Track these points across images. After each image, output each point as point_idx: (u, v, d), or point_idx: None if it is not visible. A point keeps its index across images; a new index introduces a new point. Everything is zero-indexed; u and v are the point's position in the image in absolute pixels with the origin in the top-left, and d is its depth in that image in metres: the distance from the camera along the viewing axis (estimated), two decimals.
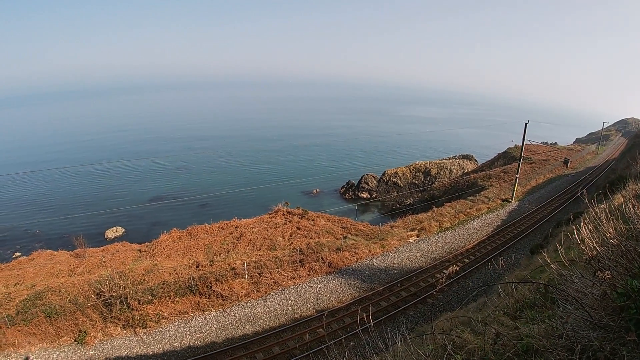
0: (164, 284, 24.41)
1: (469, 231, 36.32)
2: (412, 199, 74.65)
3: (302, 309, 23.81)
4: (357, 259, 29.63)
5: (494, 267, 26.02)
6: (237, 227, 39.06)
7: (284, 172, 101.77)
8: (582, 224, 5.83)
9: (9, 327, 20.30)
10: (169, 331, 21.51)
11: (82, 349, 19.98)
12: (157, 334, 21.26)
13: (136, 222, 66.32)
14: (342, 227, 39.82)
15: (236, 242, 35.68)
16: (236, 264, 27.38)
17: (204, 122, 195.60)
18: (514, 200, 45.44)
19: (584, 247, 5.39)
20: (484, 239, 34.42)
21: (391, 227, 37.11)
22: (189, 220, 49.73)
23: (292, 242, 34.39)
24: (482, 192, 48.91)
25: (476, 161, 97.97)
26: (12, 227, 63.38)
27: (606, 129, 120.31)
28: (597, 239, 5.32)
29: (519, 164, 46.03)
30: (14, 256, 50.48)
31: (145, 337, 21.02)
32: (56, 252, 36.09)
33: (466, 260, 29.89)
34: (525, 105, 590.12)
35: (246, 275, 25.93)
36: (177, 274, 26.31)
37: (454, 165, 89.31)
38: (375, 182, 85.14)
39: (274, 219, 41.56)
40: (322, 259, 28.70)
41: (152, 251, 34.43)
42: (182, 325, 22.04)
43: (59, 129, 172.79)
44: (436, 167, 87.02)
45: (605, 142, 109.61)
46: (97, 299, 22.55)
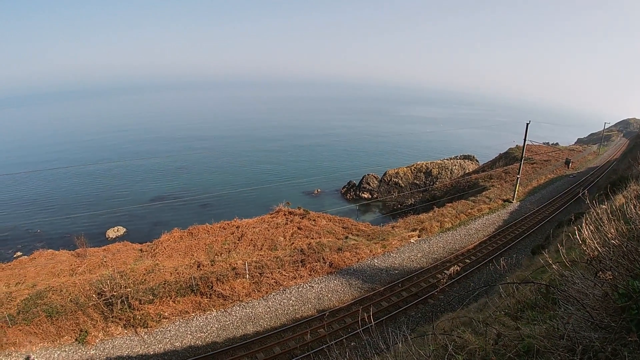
0: (165, 284, 24.42)
1: (470, 231, 36.27)
2: (413, 199, 74.60)
3: (303, 309, 23.80)
4: (358, 259, 29.61)
5: (495, 268, 26.01)
6: (238, 227, 39.11)
7: (285, 172, 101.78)
8: (583, 224, 5.83)
9: (10, 327, 20.32)
10: (170, 331, 21.52)
11: (83, 349, 20.00)
12: (158, 334, 21.27)
13: (137, 222, 66.43)
14: (343, 227, 39.83)
15: (237, 242, 35.73)
16: (237, 263, 27.39)
17: (205, 122, 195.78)
18: (515, 200, 45.37)
19: (585, 248, 5.39)
20: (485, 239, 34.37)
21: (392, 228, 37.09)
22: (190, 220, 49.79)
23: (293, 242, 34.42)
24: (484, 193, 48.86)
25: (477, 161, 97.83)
26: (13, 226, 63.54)
27: (607, 129, 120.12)
28: (598, 240, 5.32)
29: (520, 164, 45.98)
30: (15, 256, 50.59)
31: (146, 336, 21.03)
32: (57, 252, 36.20)
33: (467, 260, 29.84)
34: (526, 105, 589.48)
35: (247, 275, 25.94)
36: (178, 273, 26.33)
37: (455, 165, 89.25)
38: (376, 182, 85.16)
39: (275, 219, 41.58)
40: (323, 259, 28.69)
41: (154, 251, 34.49)
42: (183, 325, 22.05)
43: (59, 129, 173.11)
44: (437, 167, 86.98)
45: (606, 142, 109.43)
46: (98, 298, 22.57)
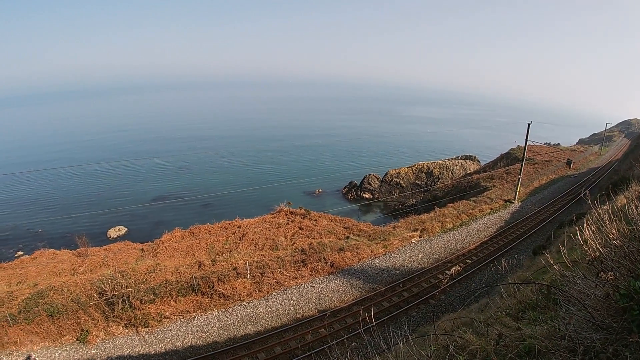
0: (166, 284, 24.44)
1: (471, 232, 36.24)
2: (414, 200, 74.52)
3: (304, 309, 23.80)
4: (360, 260, 29.59)
5: (497, 268, 25.99)
6: (239, 227, 39.11)
7: (287, 172, 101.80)
8: (584, 225, 5.82)
9: (11, 326, 20.35)
10: (171, 330, 21.53)
11: (84, 348, 20.02)
12: (159, 334, 21.28)
13: (139, 222, 66.51)
14: (344, 228, 39.81)
15: (238, 242, 35.74)
16: (238, 263, 27.40)
17: (205, 122, 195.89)
18: (516, 201, 45.32)
19: (586, 248, 5.38)
20: (486, 239, 34.33)
21: (393, 228, 37.04)
22: (191, 219, 49.82)
23: (294, 242, 34.41)
24: (485, 193, 48.80)
25: (479, 162, 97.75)
26: (14, 226, 63.69)
27: (609, 129, 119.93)
28: (600, 240, 5.31)
29: (522, 164, 45.93)
30: (16, 255, 50.73)
31: (147, 336, 21.05)
32: (59, 251, 36.24)
33: (468, 261, 29.81)
34: (527, 105, 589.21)
35: (248, 275, 25.95)
36: (179, 273, 26.36)
37: (457, 165, 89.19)
38: (377, 182, 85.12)
39: (276, 219, 41.58)
40: (325, 259, 28.68)
41: (155, 250, 34.51)
42: (184, 324, 22.06)
43: (60, 129, 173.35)
44: (439, 167, 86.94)
45: (608, 143, 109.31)
46: (99, 298, 22.59)
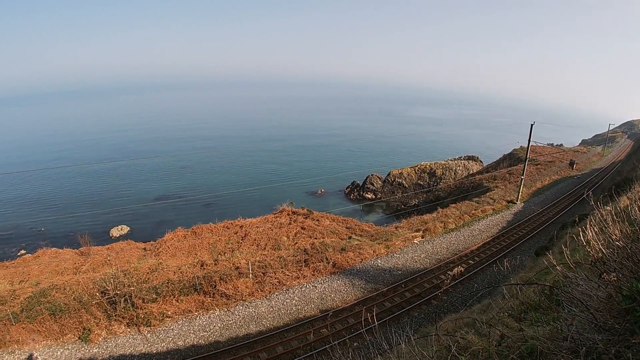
0: (168, 283, 24.50)
1: (473, 232, 36.18)
2: (417, 200, 74.43)
3: (306, 309, 23.81)
4: (362, 260, 29.58)
5: (499, 269, 25.90)
6: (241, 227, 39.14)
7: (289, 172, 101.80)
8: (587, 226, 5.80)
9: (13, 324, 20.43)
10: (173, 330, 21.57)
11: (86, 347, 20.08)
12: (161, 333, 21.32)
13: (141, 221, 66.64)
14: (346, 228, 39.77)
15: (241, 241, 35.75)
16: (240, 263, 27.43)
17: (206, 122, 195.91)
18: (519, 201, 45.23)
19: (589, 249, 5.37)
20: (488, 240, 34.28)
21: (396, 228, 37.02)
22: (193, 219, 49.87)
23: (296, 242, 34.41)
24: (488, 194, 48.70)
25: (481, 162, 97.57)
26: (17, 225, 63.88)
27: (612, 130, 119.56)
28: (602, 241, 5.30)
29: (525, 165, 45.81)
30: (19, 254, 50.87)
31: (149, 335, 21.09)
32: (61, 250, 36.35)
33: (471, 261, 29.77)
34: (529, 106, 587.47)
35: (250, 274, 25.98)
36: (181, 272, 26.42)
37: (459, 166, 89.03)
38: (380, 182, 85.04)
39: (278, 219, 41.59)
40: (327, 259, 28.68)
41: (157, 250, 34.57)
42: (186, 324, 22.10)
43: (61, 129, 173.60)
44: (441, 168, 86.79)
45: (611, 143, 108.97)
46: (101, 297, 22.66)
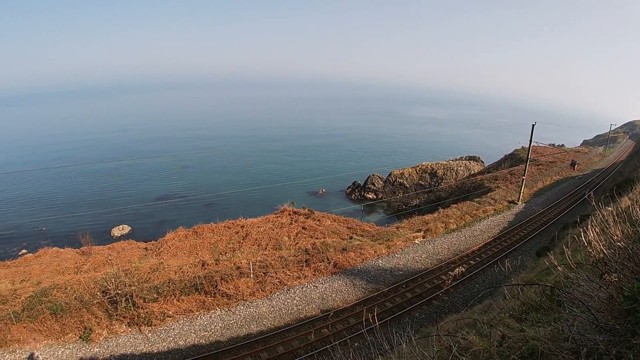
0: (169, 283, 24.52)
1: (475, 233, 36.15)
2: (418, 200, 74.37)
3: (307, 309, 23.81)
4: (363, 260, 29.57)
5: (500, 269, 25.88)
6: (243, 227, 39.18)
7: (290, 172, 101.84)
8: (589, 226, 5.79)
9: (14, 324, 20.46)
10: (174, 329, 21.59)
11: (87, 346, 20.10)
12: (162, 332, 21.34)
13: (142, 221, 66.70)
14: (347, 228, 39.77)
15: (242, 241, 35.78)
16: (242, 263, 27.45)
17: (206, 122, 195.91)
18: (520, 202, 45.16)
19: (590, 250, 5.36)
20: (490, 240, 34.24)
21: (397, 228, 37.02)
22: (195, 219, 49.90)
23: (297, 242, 34.42)
24: (489, 194, 48.66)
25: (483, 162, 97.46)
26: (18, 224, 63.99)
27: (613, 131, 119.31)
28: (604, 242, 5.29)
29: (526, 165, 45.75)
30: (20, 253, 50.95)
31: (150, 335, 21.11)
32: (62, 250, 36.45)
33: (472, 262, 29.73)
34: (530, 106, 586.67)
35: (251, 274, 25.99)
36: (182, 272, 26.43)
37: (461, 166, 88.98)
38: (381, 182, 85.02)
39: (279, 219, 41.62)
40: (328, 259, 28.68)
41: (158, 249, 34.63)
42: (187, 323, 22.11)
43: (61, 129, 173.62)
44: (443, 168, 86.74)
45: (612, 144, 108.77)
46: (102, 296, 22.68)
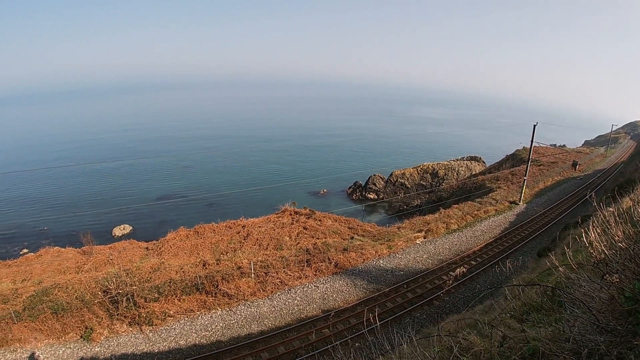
0: (170, 282, 24.54)
1: (476, 233, 36.12)
2: (419, 200, 74.33)
3: (308, 309, 23.81)
4: (364, 260, 29.57)
5: (501, 270, 25.83)
6: (244, 227, 39.18)
7: (292, 172, 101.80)
8: (590, 227, 5.79)
9: (15, 323, 20.49)
10: (174, 329, 21.61)
11: (88, 346, 20.13)
12: (163, 332, 21.37)
13: (143, 220, 66.74)
14: (349, 228, 39.76)
15: (243, 241, 35.78)
16: (243, 263, 27.46)
17: (207, 122, 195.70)
18: (521, 202, 45.12)
19: (592, 251, 5.36)
20: (491, 241, 34.21)
21: (398, 228, 37.01)
22: (196, 219, 49.91)
23: (298, 242, 34.42)
24: (490, 194, 48.63)
25: (484, 163, 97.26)
26: (20, 224, 64.06)
27: (615, 131, 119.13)
28: (605, 242, 5.28)
29: (527, 166, 45.70)
30: (21, 253, 50.93)
31: (151, 334, 21.14)
32: (63, 249, 36.49)
33: (473, 262, 29.71)
34: (532, 106, 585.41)
35: (252, 274, 26.00)
36: (183, 272, 26.46)
37: (462, 166, 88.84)
38: (382, 183, 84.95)
39: (281, 219, 41.61)
40: (329, 259, 28.69)
41: (159, 249, 34.64)
42: (188, 323, 22.14)
43: (62, 128, 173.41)
44: (444, 168, 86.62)
45: (614, 144, 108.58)
46: (103, 296, 22.71)
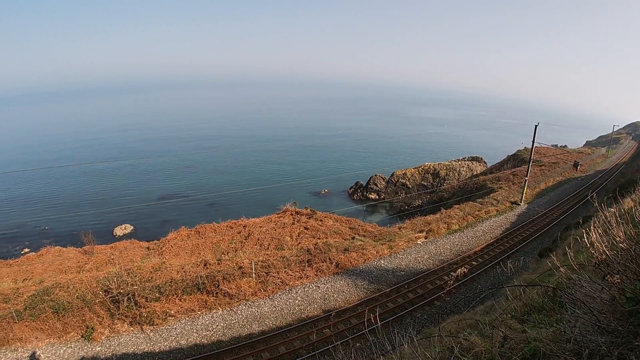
0: (171, 282, 24.56)
1: (477, 233, 36.09)
2: (420, 201, 74.27)
3: (308, 309, 23.82)
4: (365, 260, 29.56)
5: (502, 270, 25.83)
6: (245, 227, 39.22)
7: (293, 172, 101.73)
8: (591, 227, 5.78)
9: (16, 322, 20.53)
10: (175, 329, 21.63)
11: (89, 345, 20.17)
12: (164, 332, 21.39)
13: (145, 220, 66.77)
14: (350, 228, 39.77)
15: (244, 241, 35.82)
16: (244, 263, 27.47)
17: (208, 122, 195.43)
18: (523, 203, 45.07)
19: (593, 251, 5.35)
20: (492, 241, 34.17)
21: (399, 229, 37.00)
22: (197, 218, 49.95)
23: (299, 242, 34.44)
24: (491, 195, 48.58)
25: (485, 163, 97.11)
26: (21, 223, 64.12)
27: (616, 132, 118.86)
28: (606, 243, 5.27)
29: (529, 166, 45.68)
30: (22, 252, 50.93)
31: (152, 334, 21.16)
32: (65, 249, 36.59)
33: (474, 262, 29.69)
34: (533, 106, 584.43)
35: (253, 274, 26.01)
36: (184, 272, 26.47)
37: (463, 167, 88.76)
38: (383, 183, 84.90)
39: (282, 219, 41.64)
40: (330, 259, 28.69)
41: (160, 249, 34.69)
42: (189, 323, 22.16)
43: (62, 128, 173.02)
44: (445, 168, 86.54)
45: (615, 145, 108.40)
46: (104, 295, 22.74)
